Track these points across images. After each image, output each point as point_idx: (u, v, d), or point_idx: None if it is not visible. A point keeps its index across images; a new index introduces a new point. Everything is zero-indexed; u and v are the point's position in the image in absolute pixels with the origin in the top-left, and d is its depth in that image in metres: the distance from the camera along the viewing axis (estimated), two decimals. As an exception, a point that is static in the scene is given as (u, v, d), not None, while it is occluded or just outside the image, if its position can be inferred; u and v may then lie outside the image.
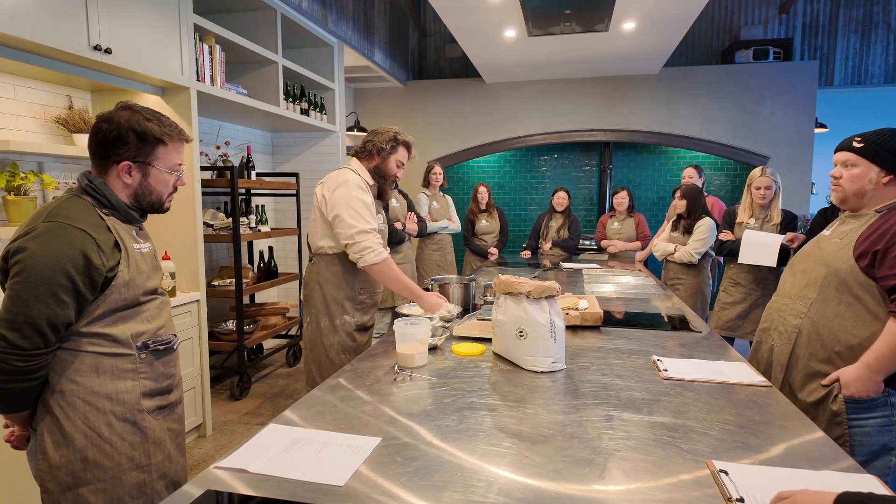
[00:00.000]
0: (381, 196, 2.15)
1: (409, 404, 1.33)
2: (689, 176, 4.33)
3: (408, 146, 2.18)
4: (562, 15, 3.99)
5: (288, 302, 4.33)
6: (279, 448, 1.08)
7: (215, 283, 3.62)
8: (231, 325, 3.74)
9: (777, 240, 2.91)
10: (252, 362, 3.99)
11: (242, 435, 3.10)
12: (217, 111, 3.65)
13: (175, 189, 1.37)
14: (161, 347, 1.31)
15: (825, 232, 1.79)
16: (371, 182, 2.14)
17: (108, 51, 2.29)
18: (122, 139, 1.24)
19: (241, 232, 3.53)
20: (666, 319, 2.27)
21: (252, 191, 4.16)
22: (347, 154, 4.83)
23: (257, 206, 4.07)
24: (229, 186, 3.39)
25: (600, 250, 4.95)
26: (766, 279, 3.09)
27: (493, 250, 4.77)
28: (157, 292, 1.35)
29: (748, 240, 3.02)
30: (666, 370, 1.56)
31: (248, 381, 3.67)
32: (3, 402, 1.17)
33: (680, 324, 2.19)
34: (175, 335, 1.38)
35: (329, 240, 2.07)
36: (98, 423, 1.21)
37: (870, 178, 1.59)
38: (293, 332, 4.50)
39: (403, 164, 2.20)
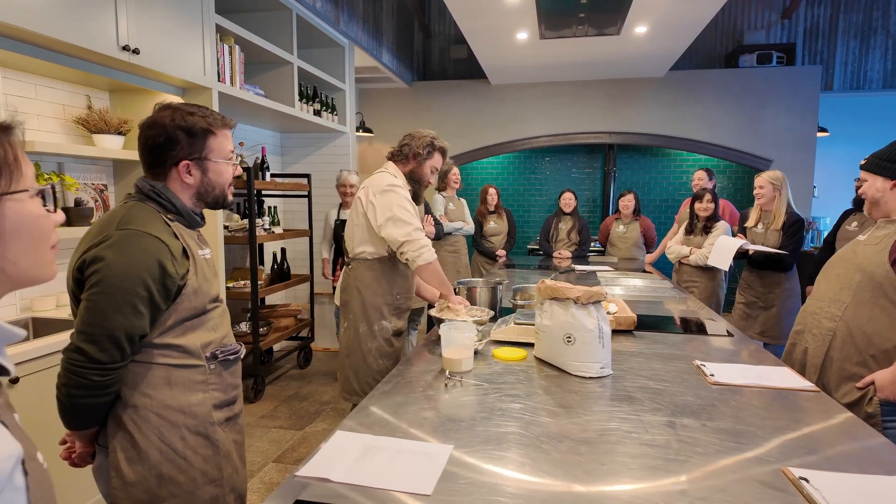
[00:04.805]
0: (414, 200, 2.15)
1: (467, 410, 1.33)
2: (700, 178, 4.35)
3: (443, 152, 2.18)
4: (576, 17, 4.00)
5: (298, 304, 4.30)
6: (354, 456, 1.07)
7: (229, 284, 3.59)
8: (244, 326, 3.71)
9: (734, 244, 3.21)
10: (264, 365, 3.96)
11: (261, 438, 3.08)
12: (232, 112, 3.62)
13: (234, 178, 1.34)
14: (230, 357, 1.28)
15: (860, 237, 1.82)
16: (407, 186, 2.14)
17: (136, 51, 2.26)
18: (173, 139, 1.21)
19: (256, 233, 3.51)
20: (698, 323, 2.29)
21: (263, 192, 4.13)
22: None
23: (269, 208, 4.05)
24: (245, 188, 3.36)
25: (604, 252, 4.97)
26: (774, 284, 3.18)
27: (502, 252, 4.77)
28: (219, 299, 1.33)
29: (717, 245, 3.36)
30: (713, 375, 1.57)
31: (262, 383, 3.65)
32: (76, 418, 1.13)
33: (712, 328, 2.21)
34: (240, 344, 1.35)
35: (369, 245, 2.06)
36: (172, 438, 1.17)
37: (876, 187, 1.72)
38: (303, 333, 4.48)
39: (437, 170, 2.20)
